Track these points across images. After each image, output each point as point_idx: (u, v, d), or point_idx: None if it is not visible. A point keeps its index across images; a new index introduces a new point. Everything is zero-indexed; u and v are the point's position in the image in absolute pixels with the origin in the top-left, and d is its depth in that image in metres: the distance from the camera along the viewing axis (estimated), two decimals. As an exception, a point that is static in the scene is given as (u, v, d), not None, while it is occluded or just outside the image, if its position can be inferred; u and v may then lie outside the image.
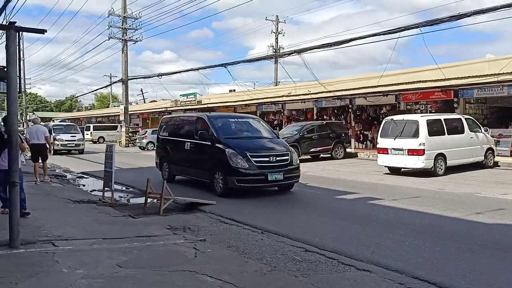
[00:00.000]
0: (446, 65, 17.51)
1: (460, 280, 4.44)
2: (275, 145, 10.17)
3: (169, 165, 11.95)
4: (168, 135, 12.30)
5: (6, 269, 4.49)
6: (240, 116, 12.21)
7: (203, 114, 11.30)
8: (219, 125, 10.33)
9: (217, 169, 9.69)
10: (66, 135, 25.19)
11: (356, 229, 6.74)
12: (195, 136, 10.51)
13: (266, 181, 9.33)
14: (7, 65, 5.39)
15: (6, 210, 6.58)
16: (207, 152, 10.08)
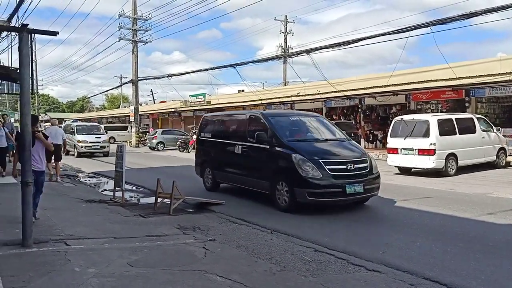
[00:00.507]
0: (457, 64, 17.33)
1: (471, 281, 4.40)
2: (349, 150, 8.44)
3: (213, 172, 10.32)
4: (212, 137, 10.59)
5: (19, 267, 4.56)
6: (301, 113, 10.23)
7: (257, 112, 9.70)
8: (280, 125, 8.64)
9: (279, 179, 8.04)
10: (90, 137, 22.91)
11: (366, 229, 6.72)
12: (248, 137, 8.88)
13: (344, 194, 7.55)
14: (20, 67, 5.47)
15: None
16: (266, 158, 8.42)
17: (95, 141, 22.78)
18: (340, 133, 9.16)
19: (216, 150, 10.35)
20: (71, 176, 13.94)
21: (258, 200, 9.02)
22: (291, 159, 7.80)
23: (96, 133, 23.75)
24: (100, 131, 24.39)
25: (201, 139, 11.15)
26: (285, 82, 35.80)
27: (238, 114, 10.82)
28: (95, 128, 25.07)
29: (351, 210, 8.24)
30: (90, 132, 23.54)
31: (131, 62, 32.57)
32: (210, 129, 10.85)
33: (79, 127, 24.30)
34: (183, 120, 40.69)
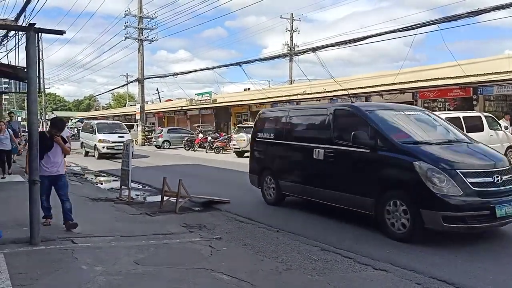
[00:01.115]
0: (465, 62, 17.20)
1: (479, 281, 4.37)
2: (483, 155, 6.29)
3: (277, 182, 8.29)
4: (276, 138, 8.51)
5: (27, 265, 4.60)
6: (402, 107, 8.00)
7: (347, 105, 7.45)
8: (385, 122, 6.55)
9: (392, 195, 5.96)
10: (112, 136, 20.42)
11: (372, 228, 6.68)
12: (336, 139, 6.91)
13: (493, 218, 5.53)
14: (27, 66, 5.50)
15: (48, 221, 6.41)
16: (367, 166, 6.32)
17: (117, 140, 19.83)
18: (457, 132, 7.07)
19: (283, 155, 8.32)
20: (77, 175, 14.02)
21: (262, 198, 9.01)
22: (413, 168, 5.71)
23: (119, 131, 21.48)
24: (123, 130, 22.20)
25: (259, 140, 9.05)
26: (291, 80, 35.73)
27: (315, 108, 8.87)
28: (117, 126, 22.86)
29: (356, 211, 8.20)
30: (112, 131, 21.24)
31: (137, 61, 32.67)
32: (272, 128, 8.82)
33: (100, 125, 21.79)
34: (189, 118, 40.79)
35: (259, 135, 9.07)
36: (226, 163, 18.10)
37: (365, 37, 16.70)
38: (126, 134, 21.50)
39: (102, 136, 20.40)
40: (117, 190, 10.03)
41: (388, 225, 5.97)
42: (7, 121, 13.84)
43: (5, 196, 8.94)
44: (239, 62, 23.53)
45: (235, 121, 32.78)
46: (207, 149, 24.67)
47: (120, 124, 24.31)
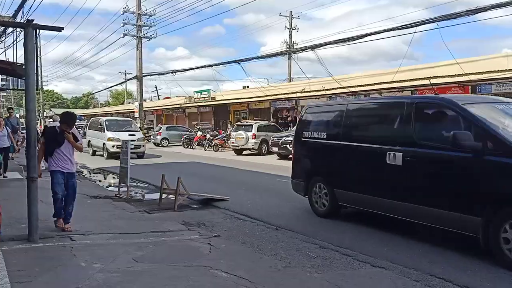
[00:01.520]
0: (464, 60, 17.22)
1: (478, 278, 4.38)
2: None
3: (332, 190, 6.91)
4: (330, 137, 7.08)
5: (25, 262, 4.59)
6: (496, 99, 6.72)
7: (438, 97, 5.94)
8: (494, 120, 5.29)
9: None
10: (123, 134, 18.53)
11: (370, 225, 6.69)
12: (422, 139, 5.64)
13: None
14: (25, 63, 5.48)
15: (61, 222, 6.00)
16: (469, 174, 5.09)
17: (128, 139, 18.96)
18: None
19: (341, 158, 6.89)
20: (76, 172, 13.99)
21: (262, 195, 9.03)
22: None
23: (129, 129, 19.97)
24: (134, 127, 20.80)
25: (307, 141, 7.60)
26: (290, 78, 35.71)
27: (386, 102, 7.35)
28: (128, 123, 21.17)
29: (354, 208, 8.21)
30: (122, 129, 19.74)
31: (136, 58, 32.58)
32: (323, 126, 7.42)
33: (109, 122, 20.21)
34: (188, 116, 40.73)
35: (306, 135, 7.64)
36: (225, 161, 18.10)
37: (364, 35, 16.70)
38: (137, 132, 20.05)
39: (112, 134, 18.75)
40: (116, 187, 10.02)
41: (504, 253, 4.64)
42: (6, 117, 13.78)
43: (3, 193, 8.91)
44: (238, 59, 23.51)
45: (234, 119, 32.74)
46: (205, 147, 24.66)
47: (131, 121, 22.43)
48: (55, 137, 5.90)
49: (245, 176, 13.26)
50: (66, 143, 5.92)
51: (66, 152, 5.95)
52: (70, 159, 6.01)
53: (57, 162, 5.89)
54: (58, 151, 5.88)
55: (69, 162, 5.98)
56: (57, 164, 5.89)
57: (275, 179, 12.23)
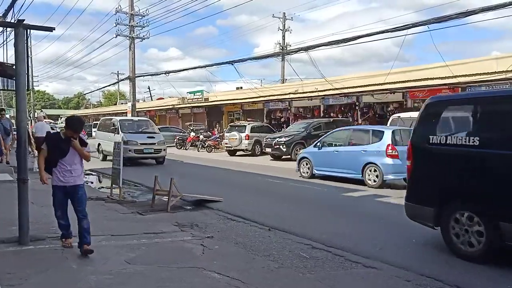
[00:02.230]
0: (454, 63, 17.40)
1: (469, 276, 4.43)
2: None
3: (494, 223, 4.69)
4: (487, 145, 4.85)
5: (16, 265, 4.55)
6: None
7: None
8: None
9: None
10: (141, 137, 16.36)
11: (362, 226, 6.74)
12: None
13: None
14: (16, 63, 5.45)
15: (69, 242, 5.25)
16: None
17: (147, 142, 16.20)
18: None
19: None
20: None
21: (255, 196, 9.03)
22: None
23: (147, 131, 17.31)
24: (152, 129, 17.98)
25: (438, 148, 5.34)
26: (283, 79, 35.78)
27: None
28: (145, 124, 18.37)
29: (348, 207, 8.27)
30: (140, 130, 17.20)
31: (128, 59, 32.40)
32: (472, 127, 5.27)
33: (123, 123, 17.45)
34: (181, 117, 40.62)
35: (437, 140, 5.35)
36: (218, 162, 18.08)
37: (356, 37, 16.79)
38: (156, 134, 17.06)
39: (128, 137, 15.97)
40: (108, 189, 9.97)
41: None
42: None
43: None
44: (232, 60, 23.47)
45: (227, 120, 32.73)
46: (199, 147, 24.61)
47: (148, 121, 19.37)
48: (59, 145, 5.00)
49: (238, 177, 13.25)
50: (72, 152, 5.02)
51: (71, 162, 5.03)
52: (76, 169, 5.08)
53: (60, 175, 4.98)
54: (62, 162, 4.97)
55: (74, 174, 5.06)
56: (59, 178, 4.99)
57: (268, 179, 12.25)
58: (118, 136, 16.11)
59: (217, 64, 27.14)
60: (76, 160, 5.07)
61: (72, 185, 5.02)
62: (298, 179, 12.21)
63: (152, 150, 16.31)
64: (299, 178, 12.29)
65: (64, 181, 5.00)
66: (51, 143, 5.10)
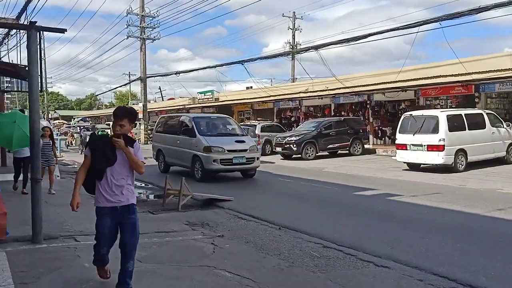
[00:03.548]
0: (467, 60, 17.17)
1: (481, 277, 4.36)
2: None
3: None
4: None
5: (29, 263, 4.61)
6: None
7: None
8: None
9: None
10: (227, 141, 11.85)
11: (374, 225, 6.69)
12: None
13: None
14: (28, 64, 5.52)
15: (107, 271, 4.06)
16: None
17: (237, 148, 11.69)
18: None
19: None
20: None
21: (265, 196, 9.02)
22: None
23: (232, 132, 12.78)
24: (238, 129, 13.19)
25: None
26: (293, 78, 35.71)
27: None
28: (227, 122, 13.51)
29: (360, 206, 8.21)
30: (222, 132, 12.72)
31: (139, 60, 32.69)
32: None
33: (199, 120, 12.74)
34: (191, 117, 40.78)
35: None
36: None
37: (367, 35, 16.71)
38: (245, 137, 12.58)
39: (210, 141, 11.61)
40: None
41: None
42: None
43: (7, 194, 8.96)
44: (242, 60, 23.57)
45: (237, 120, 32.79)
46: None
47: (228, 118, 14.15)
48: (103, 150, 3.70)
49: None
50: (122, 160, 3.70)
51: (121, 174, 3.74)
52: (129, 184, 3.82)
53: (107, 193, 3.73)
54: (109, 173, 3.70)
55: (124, 189, 3.76)
56: (106, 197, 3.73)
57: (278, 179, 12.23)
58: (195, 140, 11.85)
59: (227, 64, 27.44)
60: (125, 171, 3.75)
61: (121, 206, 3.72)
62: (309, 178, 12.17)
63: (244, 159, 11.60)
64: (309, 177, 12.25)
65: (114, 200, 3.70)
66: (96, 147, 3.76)
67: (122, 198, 3.74)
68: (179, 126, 13.16)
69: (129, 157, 3.68)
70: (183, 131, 12.72)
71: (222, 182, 11.72)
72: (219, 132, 12.61)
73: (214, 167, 11.39)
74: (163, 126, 14.60)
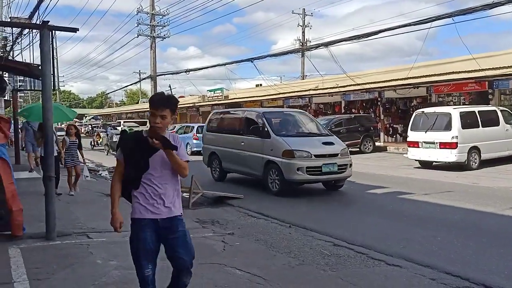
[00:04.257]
0: (480, 56, 16.95)
1: (494, 276, 4.31)
2: None
3: None
4: None
5: (43, 260, 4.67)
6: None
7: None
8: None
9: None
10: (312, 142, 9.37)
11: (386, 223, 6.65)
12: None
13: None
14: (41, 63, 5.59)
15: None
16: None
17: (326, 153, 9.15)
18: None
19: None
20: (92, 171, 14.17)
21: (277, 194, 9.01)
22: None
23: (315, 131, 10.14)
24: (321, 128, 10.42)
25: None
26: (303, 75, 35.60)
27: None
28: (304, 118, 10.77)
29: (371, 204, 8.17)
30: (303, 131, 10.09)
31: (150, 58, 32.84)
32: None
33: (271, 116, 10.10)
34: (201, 115, 40.88)
35: None
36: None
37: (378, 31, 16.53)
38: (333, 138, 9.83)
39: (291, 144, 8.97)
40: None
41: None
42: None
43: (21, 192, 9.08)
44: (251, 58, 23.46)
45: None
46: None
47: (306, 114, 11.35)
48: (140, 150, 2.92)
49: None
50: (161, 161, 2.92)
51: (162, 179, 2.96)
52: (169, 191, 2.99)
53: (146, 202, 2.98)
54: (149, 179, 2.94)
55: (166, 197, 2.97)
56: (145, 206, 2.98)
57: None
58: (269, 142, 9.16)
59: (237, 61, 27.25)
60: (169, 176, 2.98)
61: (166, 218, 2.97)
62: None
63: (335, 167, 8.96)
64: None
65: (154, 210, 2.95)
66: (128, 149, 2.98)
67: (164, 209, 2.96)
68: (243, 124, 10.46)
69: (171, 159, 2.88)
70: (250, 130, 9.97)
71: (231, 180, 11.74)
72: (298, 132, 9.91)
73: (298, 178, 8.68)
74: (218, 123, 11.85)
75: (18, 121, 16.84)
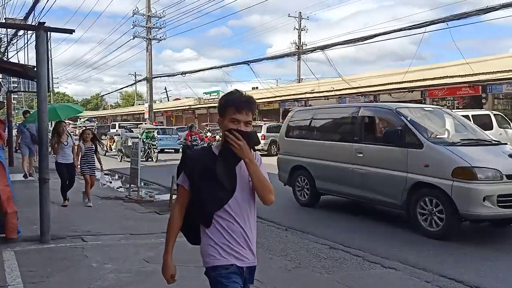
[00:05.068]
0: (474, 60, 17.11)
1: (490, 279, 4.34)
2: None
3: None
4: None
5: (37, 263, 4.64)
6: None
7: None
8: None
9: None
10: (493, 155, 5.90)
11: (381, 226, 6.67)
12: None
13: None
14: (37, 65, 5.56)
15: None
16: None
17: None
18: None
19: None
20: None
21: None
22: None
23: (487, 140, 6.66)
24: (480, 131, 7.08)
25: None
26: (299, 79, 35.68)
27: None
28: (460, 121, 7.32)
29: (365, 207, 8.18)
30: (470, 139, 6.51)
31: (145, 60, 32.77)
32: None
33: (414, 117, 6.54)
34: (197, 117, 40.89)
35: None
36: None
37: (373, 35, 16.67)
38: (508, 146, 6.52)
39: (464, 156, 5.63)
40: (127, 188, 10.08)
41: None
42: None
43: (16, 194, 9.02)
44: (247, 60, 23.57)
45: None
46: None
47: (449, 113, 7.78)
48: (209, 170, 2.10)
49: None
50: (245, 188, 2.20)
51: (245, 212, 2.22)
52: (252, 227, 2.27)
53: (226, 243, 2.18)
54: (228, 213, 2.15)
55: (250, 235, 2.23)
56: (226, 250, 2.18)
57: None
58: (420, 153, 6.01)
59: (233, 64, 27.37)
60: (250, 203, 2.25)
61: (252, 267, 2.29)
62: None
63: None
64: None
65: (239, 257, 2.17)
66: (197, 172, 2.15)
67: (249, 253, 2.21)
68: (359, 126, 7.22)
69: (254, 174, 2.12)
70: (376, 135, 7.14)
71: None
72: (462, 138, 6.60)
73: (485, 212, 5.41)
74: (307, 125, 8.47)
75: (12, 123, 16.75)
